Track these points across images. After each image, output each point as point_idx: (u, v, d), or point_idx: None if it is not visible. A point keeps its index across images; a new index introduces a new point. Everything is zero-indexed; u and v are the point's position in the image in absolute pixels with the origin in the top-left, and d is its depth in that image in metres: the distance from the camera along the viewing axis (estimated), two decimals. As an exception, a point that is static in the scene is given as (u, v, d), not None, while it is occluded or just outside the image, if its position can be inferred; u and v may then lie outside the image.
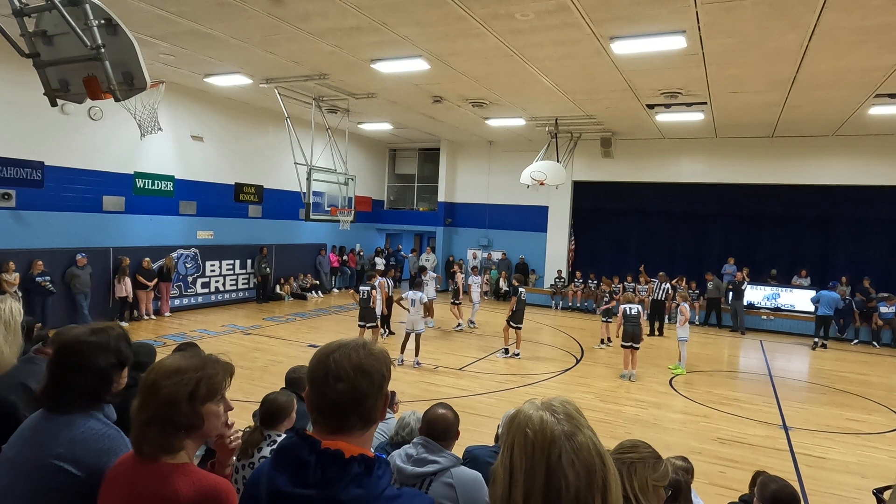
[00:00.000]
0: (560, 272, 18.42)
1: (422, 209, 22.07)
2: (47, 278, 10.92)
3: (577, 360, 11.21)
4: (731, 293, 15.38)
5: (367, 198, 20.74)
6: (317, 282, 18.22)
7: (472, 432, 5.71)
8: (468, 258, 20.06)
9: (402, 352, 10.14)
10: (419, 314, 10.00)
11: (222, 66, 11.48)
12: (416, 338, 9.97)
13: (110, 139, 12.35)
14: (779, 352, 13.12)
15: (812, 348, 13.51)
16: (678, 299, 11.70)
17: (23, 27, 3.67)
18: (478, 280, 14.58)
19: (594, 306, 17.58)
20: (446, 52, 9.62)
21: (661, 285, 14.45)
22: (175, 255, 13.92)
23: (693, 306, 15.56)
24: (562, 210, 18.96)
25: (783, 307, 15.73)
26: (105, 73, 3.51)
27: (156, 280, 13.10)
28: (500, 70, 10.50)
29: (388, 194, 22.74)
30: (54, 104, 3.97)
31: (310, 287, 17.76)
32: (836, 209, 16.20)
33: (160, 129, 11.25)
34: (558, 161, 14.83)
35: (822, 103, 11.85)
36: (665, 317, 14.60)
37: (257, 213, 16.49)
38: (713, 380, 10.21)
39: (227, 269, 15.55)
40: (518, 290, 11.04)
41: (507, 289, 18.09)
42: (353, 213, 14.29)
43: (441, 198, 20.92)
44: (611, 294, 13.81)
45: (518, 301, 10.95)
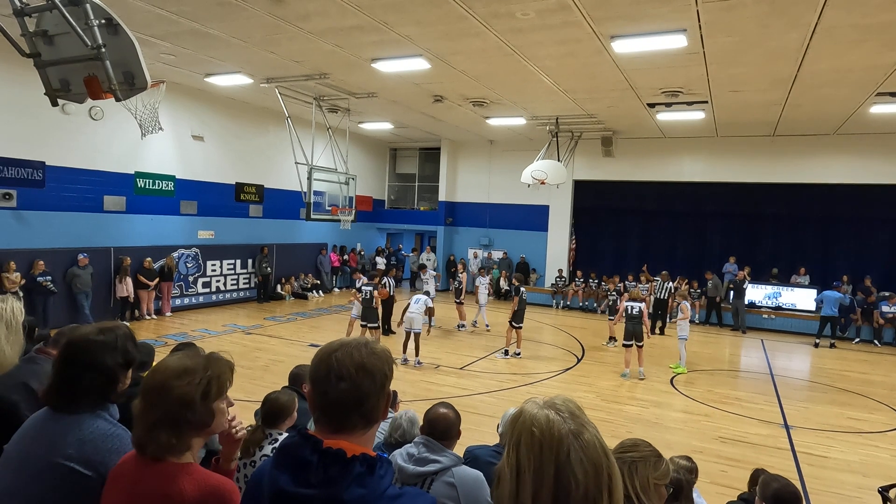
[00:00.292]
0: (561, 271, 18.42)
1: (422, 208, 22.06)
2: (48, 278, 10.93)
3: (579, 360, 11.21)
4: (732, 292, 15.36)
5: (368, 197, 20.75)
6: (318, 281, 18.24)
7: (474, 431, 5.71)
8: (469, 258, 20.04)
9: (405, 351, 10.14)
10: (419, 313, 9.98)
11: (223, 66, 11.48)
12: (416, 337, 9.97)
13: (111, 139, 12.35)
14: (780, 351, 13.11)
15: (815, 346, 13.50)
16: (678, 298, 11.69)
17: (23, 27, 3.67)
18: (485, 281, 14.14)
19: (595, 305, 17.61)
20: (447, 52, 9.62)
21: (664, 284, 14.43)
22: (176, 254, 13.92)
23: (695, 305, 15.56)
24: (562, 209, 18.95)
25: (784, 306, 15.72)
26: (106, 72, 3.51)
27: (157, 280, 13.11)
28: (500, 69, 10.49)
29: (388, 194, 22.74)
30: (55, 104, 3.97)
31: (311, 286, 17.77)
32: (838, 208, 16.18)
33: (161, 128, 11.29)
34: (559, 160, 14.82)
35: (823, 102, 11.84)
36: (667, 316, 14.59)
37: (258, 212, 16.50)
38: (714, 379, 10.21)
39: (228, 269, 15.56)
40: (519, 289, 11.04)
41: (507, 288, 18.07)
42: (353, 212, 14.29)
43: (442, 197, 20.91)
44: (618, 292, 13.68)
45: (519, 301, 10.95)
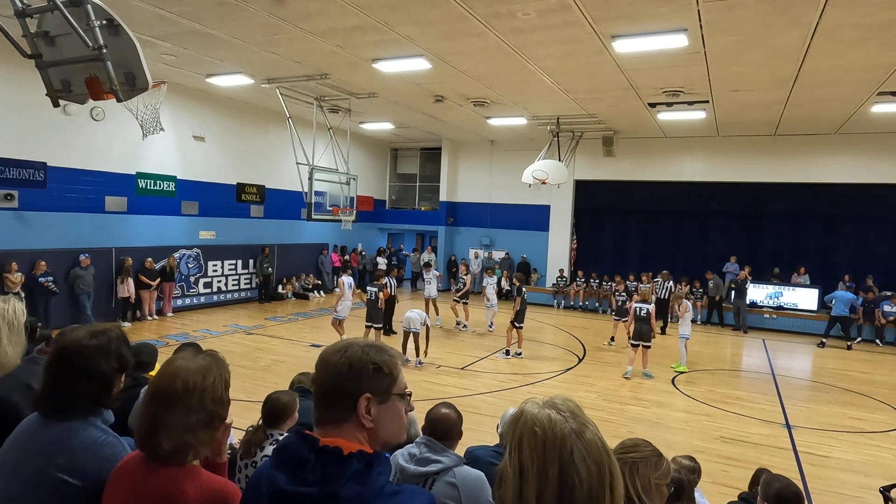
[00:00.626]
0: (562, 271, 18.42)
1: (423, 209, 22.06)
2: (50, 279, 10.94)
3: (580, 360, 11.20)
4: (733, 292, 15.35)
5: (369, 197, 20.74)
6: (319, 281, 18.24)
7: (475, 431, 5.70)
8: (470, 258, 20.05)
9: (405, 351, 10.13)
10: (418, 317, 9.94)
11: (224, 67, 11.49)
12: (415, 337, 9.96)
13: (112, 139, 12.37)
14: (782, 350, 13.09)
15: (821, 346, 13.45)
16: (673, 301, 11.63)
17: (25, 28, 3.67)
18: (492, 281, 13.74)
19: (596, 305, 17.60)
20: (448, 52, 9.62)
21: (664, 284, 14.42)
22: (177, 255, 13.93)
23: (696, 305, 15.53)
24: (563, 209, 18.94)
25: (786, 306, 15.70)
26: (107, 73, 3.50)
27: (158, 280, 13.12)
28: (501, 69, 10.49)
29: (389, 194, 22.74)
30: (56, 105, 3.97)
31: (312, 287, 17.78)
32: (839, 207, 16.17)
33: (162, 129, 11.31)
34: (560, 160, 14.82)
35: (824, 101, 11.82)
36: (668, 316, 14.58)
37: (259, 213, 16.50)
38: (716, 378, 10.20)
39: (230, 269, 15.57)
40: (521, 289, 11.03)
41: (508, 288, 18.06)
42: (354, 212, 14.30)
43: (443, 197, 20.91)
44: (628, 293, 13.52)
45: (521, 301, 10.94)
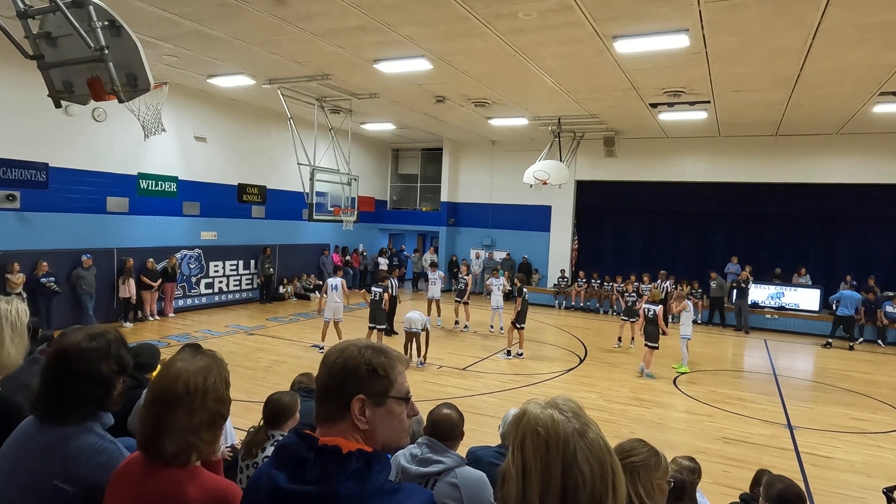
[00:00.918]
0: (563, 272, 18.41)
1: (425, 209, 22.06)
2: (52, 279, 10.96)
3: (581, 360, 11.20)
4: (735, 292, 15.33)
5: (370, 198, 20.75)
6: (320, 282, 18.21)
7: (476, 432, 5.69)
8: (471, 258, 20.05)
9: (406, 352, 10.11)
10: (419, 317, 9.95)
11: (225, 67, 11.50)
12: (417, 337, 9.96)
13: (114, 140, 12.38)
14: (783, 351, 13.07)
15: (828, 347, 13.41)
16: (673, 301, 11.57)
17: (27, 29, 3.67)
18: (499, 283, 13.24)
19: (598, 305, 17.60)
20: (449, 52, 9.62)
21: (662, 284, 14.40)
22: (179, 255, 13.94)
23: (697, 305, 15.50)
24: (565, 209, 18.93)
25: (787, 306, 15.68)
26: (109, 74, 3.50)
27: (160, 281, 13.13)
28: (502, 70, 10.49)
29: (390, 194, 22.75)
30: (58, 106, 3.97)
31: (313, 287, 17.78)
32: (841, 208, 16.14)
33: (164, 130, 11.32)
34: (561, 160, 14.82)
35: (826, 101, 11.81)
36: (668, 316, 14.52)
37: (260, 213, 16.52)
38: (717, 379, 10.19)
39: (231, 270, 15.58)
40: (522, 290, 11.03)
41: (509, 288, 18.03)
42: (356, 213, 14.30)
43: (444, 198, 20.91)
44: (637, 294, 13.36)
45: (522, 301, 10.94)
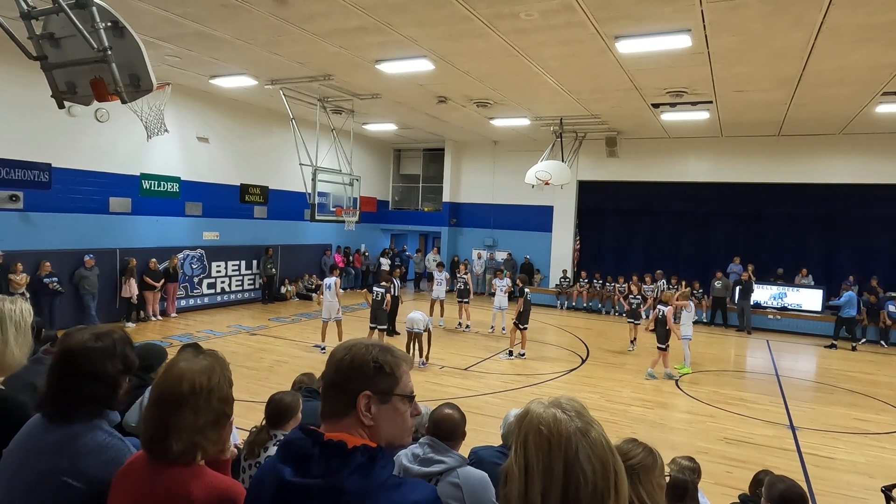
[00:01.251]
0: (565, 272, 18.40)
1: (426, 209, 22.06)
2: (55, 279, 10.98)
3: (583, 360, 11.19)
4: (737, 292, 15.31)
5: (372, 198, 20.78)
6: (321, 282, 18.23)
7: (478, 432, 5.69)
8: (473, 258, 20.04)
9: (408, 351, 10.13)
10: (421, 317, 9.96)
11: (227, 68, 11.52)
12: (419, 337, 9.96)
13: (117, 141, 12.41)
14: (786, 351, 13.05)
15: (832, 348, 13.36)
16: (677, 301, 11.43)
17: (30, 30, 3.69)
18: (503, 284, 12.95)
19: (599, 306, 17.59)
20: (451, 53, 9.63)
21: (658, 282, 14.39)
22: (181, 255, 13.97)
23: (700, 305, 15.48)
24: (567, 210, 18.93)
25: (790, 307, 15.65)
26: (112, 75, 3.52)
27: (162, 281, 13.16)
28: (504, 70, 10.49)
29: (392, 195, 22.76)
30: (61, 106, 3.98)
31: (315, 287, 17.79)
32: (843, 208, 16.11)
33: (166, 130, 11.30)
34: (563, 161, 14.82)
35: (828, 101, 11.79)
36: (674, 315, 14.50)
37: (263, 213, 16.54)
38: (719, 379, 10.18)
39: (233, 270, 15.61)
40: (524, 290, 11.03)
41: (512, 288, 18.03)
42: (358, 213, 14.31)
43: (446, 198, 20.92)
44: (643, 297, 13.29)
45: (524, 301, 10.94)
